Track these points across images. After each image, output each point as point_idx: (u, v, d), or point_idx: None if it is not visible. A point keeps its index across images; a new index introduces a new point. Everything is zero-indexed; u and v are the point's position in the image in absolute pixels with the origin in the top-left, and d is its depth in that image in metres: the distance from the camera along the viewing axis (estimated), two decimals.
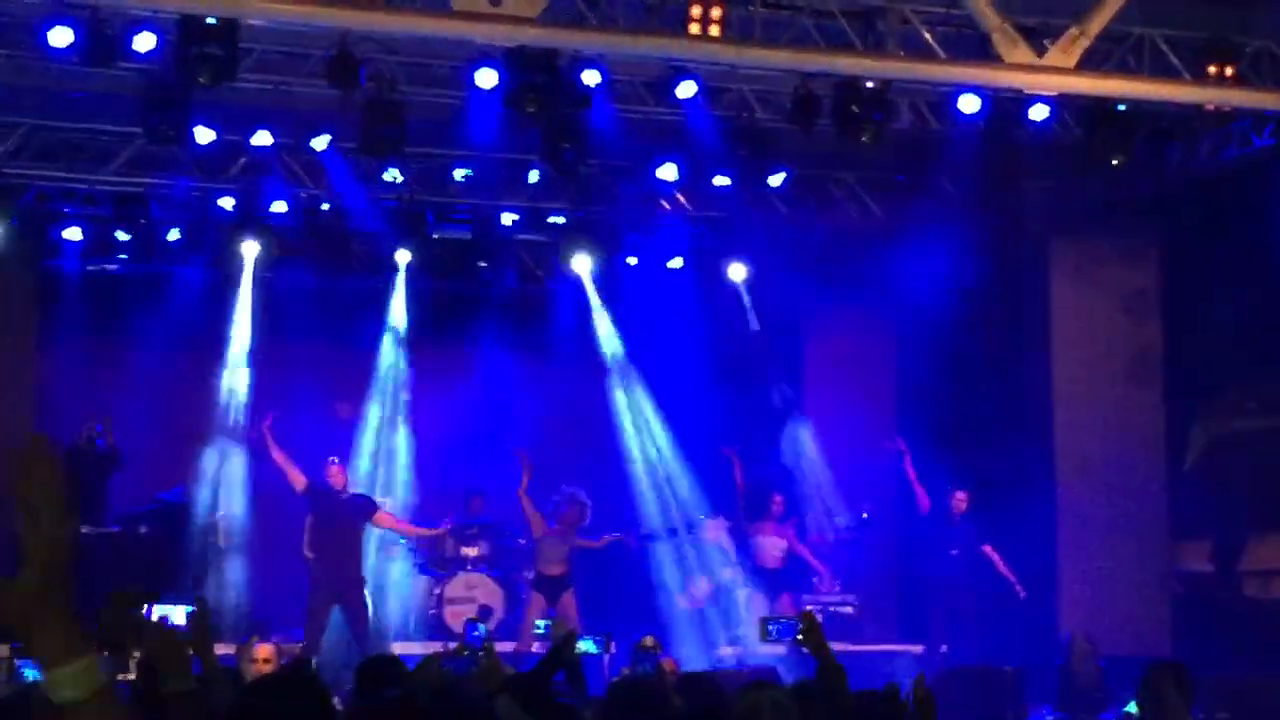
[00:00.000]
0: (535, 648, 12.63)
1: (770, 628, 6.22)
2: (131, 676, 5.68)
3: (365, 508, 15.66)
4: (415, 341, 18.67)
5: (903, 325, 18.64)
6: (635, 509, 17.67)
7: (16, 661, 5.63)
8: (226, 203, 16.45)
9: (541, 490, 16.10)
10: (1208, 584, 16.30)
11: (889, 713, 6.01)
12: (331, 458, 15.67)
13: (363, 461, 17.84)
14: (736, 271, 18.50)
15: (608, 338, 18.70)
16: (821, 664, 5.96)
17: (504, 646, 13.33)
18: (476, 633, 6.42)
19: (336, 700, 6.13)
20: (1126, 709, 12.06)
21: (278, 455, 15.30)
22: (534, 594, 15.48)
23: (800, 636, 6.09)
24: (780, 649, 6.09)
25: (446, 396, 19.05)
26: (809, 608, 6.30)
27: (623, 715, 6.34)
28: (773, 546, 16.03)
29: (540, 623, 7.31)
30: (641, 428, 18.60)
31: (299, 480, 15.25)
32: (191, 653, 4.98)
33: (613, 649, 7.34)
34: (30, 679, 5.60)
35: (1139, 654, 14.31)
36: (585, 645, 6.97)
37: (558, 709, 6.38)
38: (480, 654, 6.61)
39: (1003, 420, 16.92)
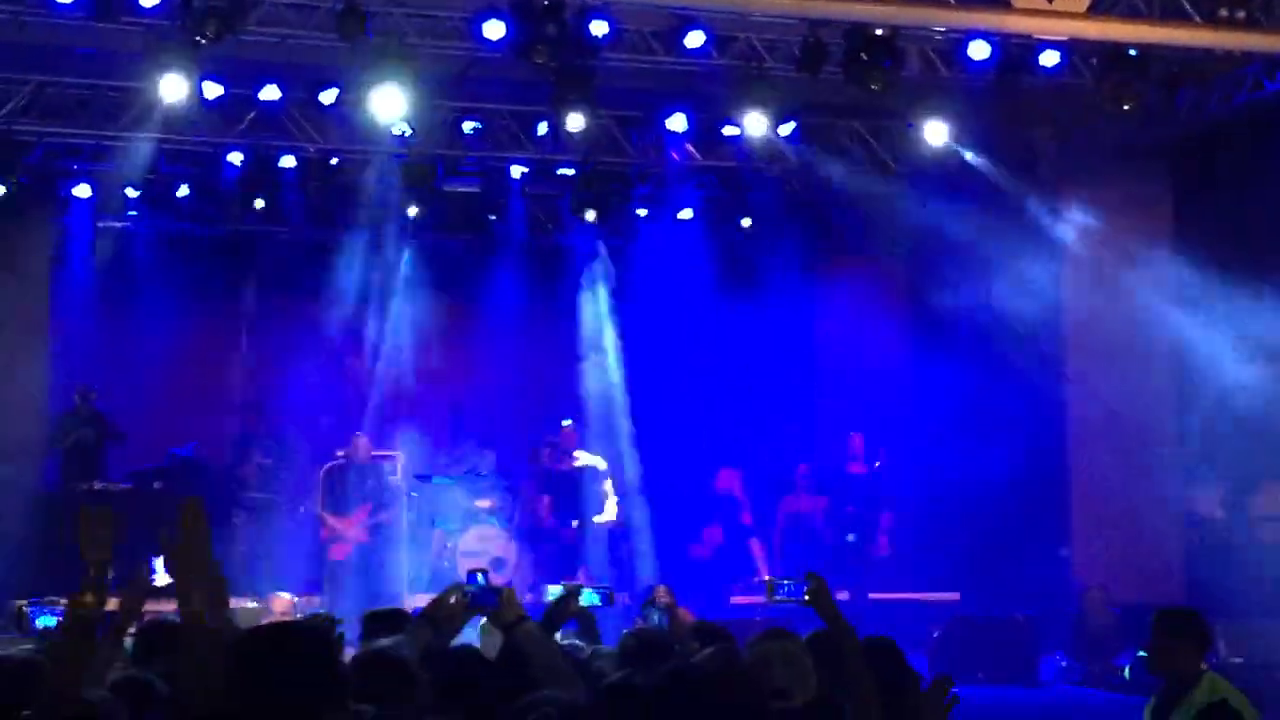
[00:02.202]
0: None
1: (777, 588, 6.19)
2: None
3: None
4: (425, 294, 18.67)
5: (913, 274, 18.61)
6: (648, 458, 17.69)
7: (29, 610, 5.64)
8: (235, 158, 16.41)
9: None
10: (1220, 530, 16.31)
11: (897, 667, 6.02)
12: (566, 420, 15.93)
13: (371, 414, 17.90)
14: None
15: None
16: (831, 625, 5.95)
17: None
18: (479, 583, 6.39)
19: (350, 651, 6.17)
20: (1139, 655, 12.11)
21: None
22: None
23: (808, 598, 6.07)
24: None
25: (456, 349, 19.09)
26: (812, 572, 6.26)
27: (636, 666, 6.35)
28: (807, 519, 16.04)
29: (553, 588, 7.28)
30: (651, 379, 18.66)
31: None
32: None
33: (615, 600, 7.32)
34: (41, 626, 5.62)
35: (1151, 601, 14.35)
36: (588, 598, 6.95)
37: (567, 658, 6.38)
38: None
39: (1014, 370, 16.89)
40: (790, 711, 5.62)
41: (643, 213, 18.49)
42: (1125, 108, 13.85)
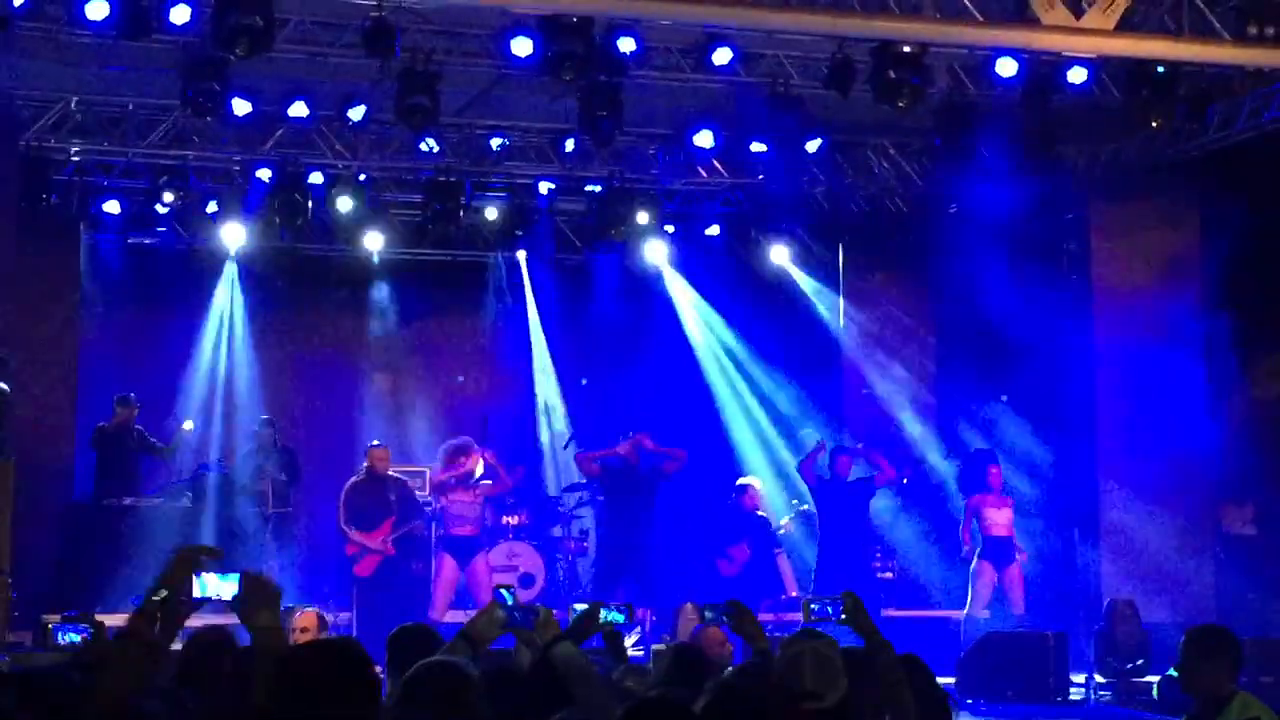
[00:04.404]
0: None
1: (814, 607, 6.20)
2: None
3: None
4: (452, 311, 18.71)
5: (943, 291, 18.59)
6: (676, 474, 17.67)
7: (54, 627, 5.67)
8: (264, 174, 16.48)
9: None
10: (1251, 547, 16.24)
11: (925, 685, 6.02)
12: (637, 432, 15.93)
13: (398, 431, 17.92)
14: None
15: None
16: (869, 642, 5.96)
17: None
18: (508, 601, 6.39)
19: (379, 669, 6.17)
20: (1169, 673, 12.05)
21: None
22: None
23: (844, 616, 6.09)
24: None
25: (484, 365, 19.12)
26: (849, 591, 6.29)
27: (674, 681, 6.36)
28: (999, 516, 15.94)
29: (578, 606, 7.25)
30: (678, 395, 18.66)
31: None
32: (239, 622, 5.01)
33: (636, 616, 7.32)
34: (65, 642, 5.64)
35: (1181, 619, 14.28)
36: (610, 616, 6.95)
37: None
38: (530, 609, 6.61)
39: (1045, 385, 16.87)
40: (821, 713, 5.63)
41: (670, 229, 18.51)
42: (1153, 125, 13.83)
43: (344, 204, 16.75)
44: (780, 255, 18.85)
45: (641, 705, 4.82)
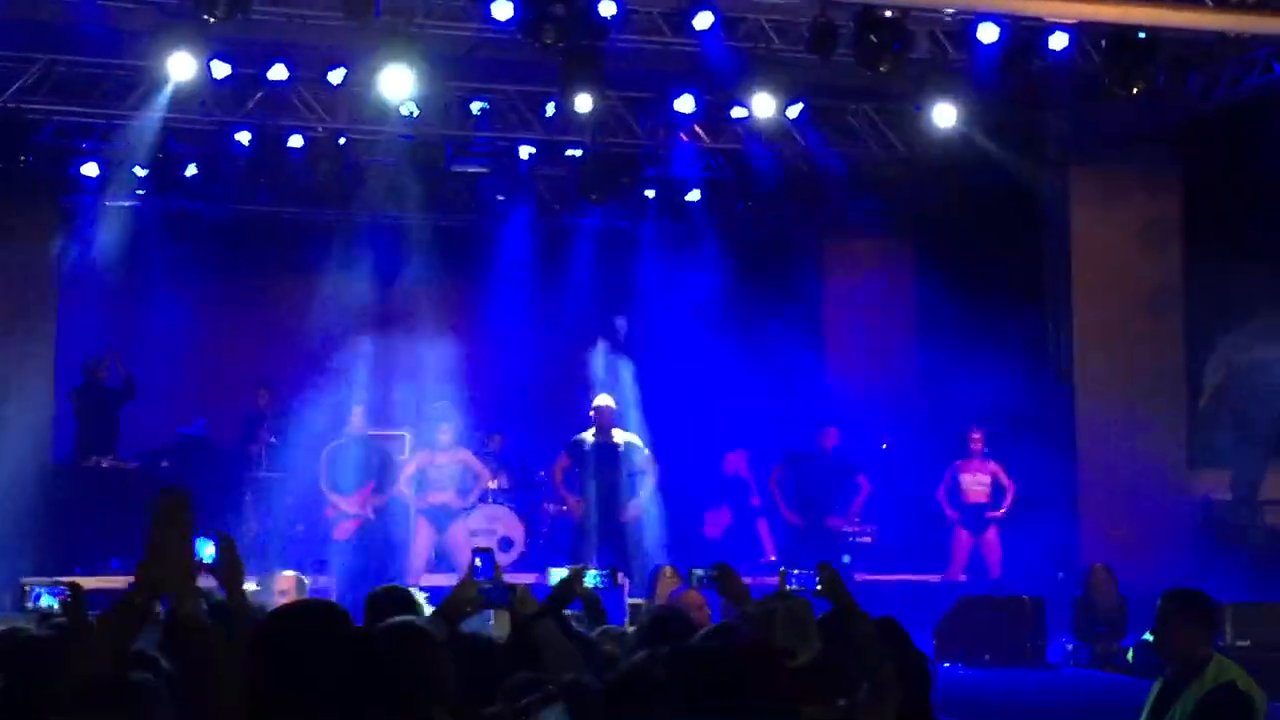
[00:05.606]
0: None
1: (790, 578, 6.24)
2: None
3: None
4: (433, 275, 18.68)
5: (922, 257, 18.61)
6: (657, 440, 17.68)
7: (31, 590, 5.67)
8: (243, 137, 16.39)
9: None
10: (1227, 512, 16.32)
11: (902, 648, 6.06)
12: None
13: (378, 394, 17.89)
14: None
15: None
16: (846, 614, 5.98)
17: (526, 579, 13.42)
18: (480, 564, 6.39)
19: None
20: (1144, 637, 12.13)
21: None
22: None
23: (820, 587, 6.12)
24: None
25: (463, 331, 19.09)
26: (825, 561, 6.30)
27: (654, 644, 6.38)
28: (975, 482, 15.99)
29: (556, 570, 7.26)
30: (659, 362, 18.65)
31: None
32: (218, 585, 5.00)
33: (620, 580, 7.35)
34: (45, 606, 5.64)
35: (1158, 583, 14.33)
36: (592, 579, 6.97)
37: (574, 639, 6.40)
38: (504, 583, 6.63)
39: (1023, 351, 16.91)
40: (795, 672, 5.66)
41: (650, 194, 18.47)
42: (1134, 91, 13.81)
43: (323, 166, 16.68)
44: (761, 220, 18.83)
45: (622, 680, 4.83)
